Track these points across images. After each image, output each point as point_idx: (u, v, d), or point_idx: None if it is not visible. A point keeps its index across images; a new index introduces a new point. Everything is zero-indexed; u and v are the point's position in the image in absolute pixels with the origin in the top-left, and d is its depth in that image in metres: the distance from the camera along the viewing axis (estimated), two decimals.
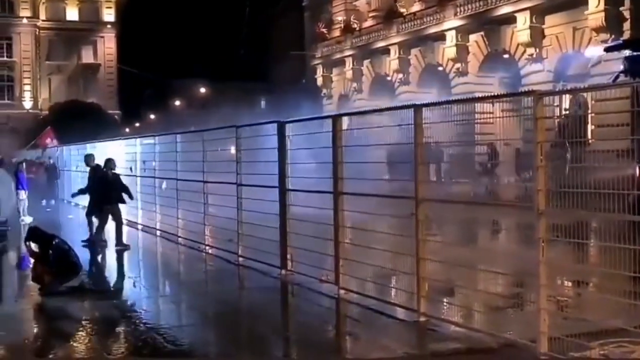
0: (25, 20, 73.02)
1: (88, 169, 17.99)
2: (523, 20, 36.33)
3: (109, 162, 16.90)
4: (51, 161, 33.82)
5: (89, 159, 18.29)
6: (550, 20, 35.67)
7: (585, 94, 8.38)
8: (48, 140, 42.32)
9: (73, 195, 20.47)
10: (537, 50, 36.09)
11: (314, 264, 10.93)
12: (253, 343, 8.48)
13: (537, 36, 36.02)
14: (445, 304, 9.33)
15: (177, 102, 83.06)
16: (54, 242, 11.16)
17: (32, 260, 11.34)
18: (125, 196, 16.71)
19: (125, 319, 9.75)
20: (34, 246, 11.26)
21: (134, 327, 9.17)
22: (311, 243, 11.01)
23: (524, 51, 36.90)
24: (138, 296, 11.58)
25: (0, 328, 9.23)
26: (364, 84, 50.93)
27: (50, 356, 8.26)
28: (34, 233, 11.44)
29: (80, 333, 9.11)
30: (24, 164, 26.91)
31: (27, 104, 73.43)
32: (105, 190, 16.30)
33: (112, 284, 12.98)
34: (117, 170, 17.54)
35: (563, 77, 34.72)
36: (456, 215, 10.01)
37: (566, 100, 9.15)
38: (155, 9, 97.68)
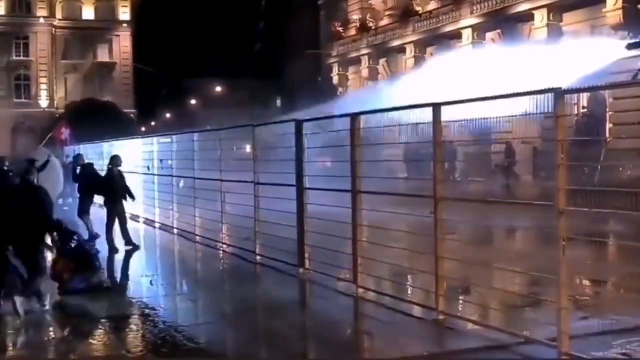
0: (41, 20, 73.41)
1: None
2: (540, 18, 36.12)
3: (115, 159, 16.75)
4: (68, 159, 33.90)
5: (78, 158, 18.56)
6: (567, 17, 35.45)
7: (604, 92, 8.33)
8: (62, 132, 42.18)
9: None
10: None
11: (331, 263, 10.93)
12: (271, 341, 8.48)
13: (555, 34, 35.80)
14: (463, 302, 9.32)
15: (193, 101, 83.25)
16: (74, 238, 11.18)
17: (51, 256, 11.32)
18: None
19: (144, 317, 9.78)
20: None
21: (153, 325, 9.20)
22: (329, 241, 11.01)
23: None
24: (155, 294, 11.61)
25: (20, 327, 9.31)
26: (380, 82, 50.84)
27: (71, 355, 8.30)
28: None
29: (99, 331, 9.16)
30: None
31: (43, 102, 73.81)
32: (112, 188, 16.15)
33: (129, 282, 13.02)
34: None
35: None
36: (473, 213, 9.96)
37: (584, 98, 9.08)
38: (170, 7, 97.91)
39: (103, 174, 17.35)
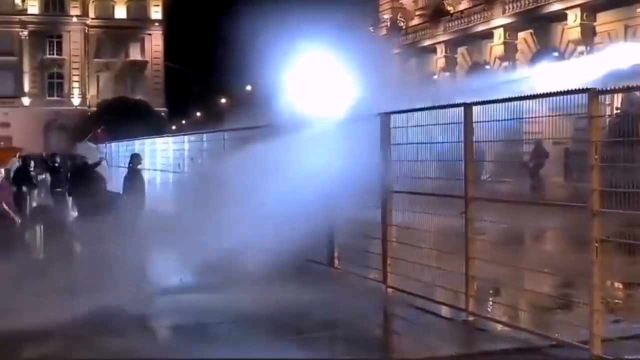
0: (75, 19, 74.26)
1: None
2: (574, 18, 35.81)
3: (136, 158, 16.91)
4: (100, 157, 34.10)
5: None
6: (601, 17, 35.11)
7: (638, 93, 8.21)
8: (102, 131, 42.69)
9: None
10: (588, 47, 35.54)
11: (361, 263, 10.92)
12: (301, 341, 8.49)
13: (588, 33, 35.48)
14: (493, 303, 9.26)
15: (223, 100, 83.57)
16: None
17: None
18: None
19: (170, 311, 9.85)
20: None
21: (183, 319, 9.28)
22: (359, 241, 11.00)
23: (575, 49, 36.38)
24: (181, 290, 11.53)
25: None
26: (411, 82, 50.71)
27: None
28: None
29: (130, 328, 9.24)
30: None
31: (76, 100, 74.63)
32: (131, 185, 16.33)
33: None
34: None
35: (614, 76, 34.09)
36: (503, 214, 9.89)
37: (618, 98, 8.98)
38: (201, 6, 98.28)
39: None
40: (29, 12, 73.12)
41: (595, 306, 6.89)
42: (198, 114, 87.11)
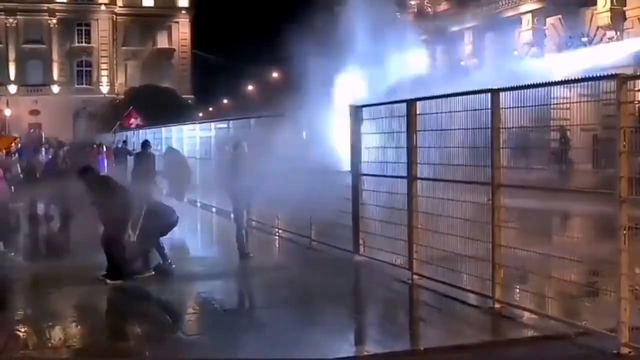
0: (103, 7, 74.64)
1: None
2: (603, 2, 35.33)
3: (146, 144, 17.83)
4: (121, 144, 34.16)
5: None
6: (632, 2, 34.62)
7: None
8: (132, 120, 42.93)
9: None
10: (618, 33, 35.07)
11: (387, 249, 10.91)
12: (326, 327, 8.51)
13: (618, 19, 35.01)
14: (520, 290, 9.21)
15: (250, 87, 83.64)
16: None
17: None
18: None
19: (200, 300, 9.91)
20: None
21: (211, 307, 9.35)
22: (384, 228, 10.99)
23: (604, 34, 35.91)
24: (212, 277, 11.62)
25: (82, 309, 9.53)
26: (438, 68, 50.38)
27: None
28: None
29: (157, 312, 9.32)
30: (104, 147, 27.82)
31: (104, 88, 75.11)
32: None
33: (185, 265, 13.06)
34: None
35: None
36: (530, 201, 9.83)
37: None
38: None
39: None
40: (58, 0, 73.60)
41: (623, 294, 6.83)
42: (225, 101, 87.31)
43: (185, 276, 11.21)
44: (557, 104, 8.17)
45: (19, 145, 28.15)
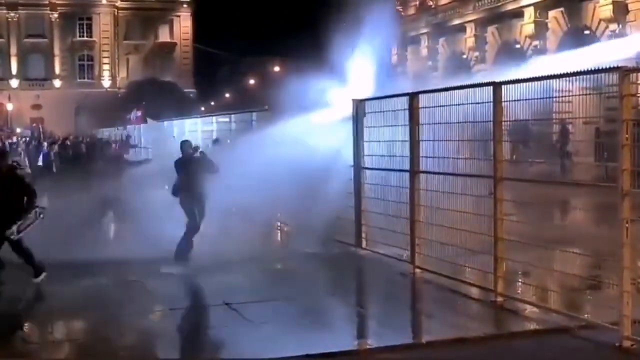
0: (104, 1, 74.46)
1: None
2: None
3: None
4: (125, 137, 34.09)
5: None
6: None
7: None
8: (137, 114, 42.91)
9: None
10: (620, 26, 34.97)
11: (389, 243, 10.92)
12: (329, 320, 8.52)
13: (621, 12, 34.87)
14: (522, 284, 9.22)
15: (252, 81, 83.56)
16: None
17: None
18: None
19: (200, 292, 9.93)
20: None
21: (211, 299, 9.37)
22: (386, 221, 11.00)
23: (606, 27, 35.81)
24: (215, 271, 11.59)
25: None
26: (439, 62, 50.31)
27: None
28: None
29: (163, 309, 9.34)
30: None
31: (106, 82, 75.02)
32: None
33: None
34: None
35: None
36: (532, 195, 9.83)
37: None
38: None
39: None
40: None
41: (625, 287, 6.84)
42: (227, 94, 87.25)
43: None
44: (559, 97, 8.16)
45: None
